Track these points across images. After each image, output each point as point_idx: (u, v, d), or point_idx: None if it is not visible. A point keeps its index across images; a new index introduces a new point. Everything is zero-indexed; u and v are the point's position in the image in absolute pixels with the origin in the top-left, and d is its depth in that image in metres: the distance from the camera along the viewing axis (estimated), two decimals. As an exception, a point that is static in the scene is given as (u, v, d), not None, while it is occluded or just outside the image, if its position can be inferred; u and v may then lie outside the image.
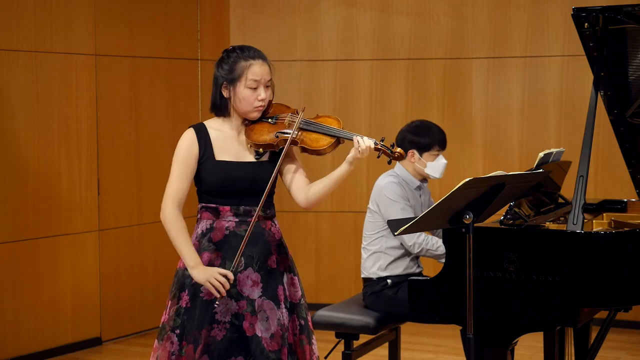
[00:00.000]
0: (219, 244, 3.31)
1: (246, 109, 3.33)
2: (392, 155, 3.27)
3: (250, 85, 3.30)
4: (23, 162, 5.61)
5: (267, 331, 3.27)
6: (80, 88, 5.91)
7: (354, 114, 6.94)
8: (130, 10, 6.23)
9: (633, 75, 4.07)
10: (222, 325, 3.25)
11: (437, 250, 4.38)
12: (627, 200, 4.59)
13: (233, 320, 3.26)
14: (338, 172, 3.30)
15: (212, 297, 3.25)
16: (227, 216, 3.32)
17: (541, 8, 6.59)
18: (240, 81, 3.31)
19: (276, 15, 7.01)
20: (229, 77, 3.32)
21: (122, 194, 6.20)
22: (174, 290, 3.35)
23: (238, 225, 3.32)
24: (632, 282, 3.49)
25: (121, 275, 6.20)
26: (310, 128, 3.32)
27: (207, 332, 3.24)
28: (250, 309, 3.28)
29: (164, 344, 3.31)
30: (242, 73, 3.30)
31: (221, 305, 3.26)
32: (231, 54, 3.35)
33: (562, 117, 6.60)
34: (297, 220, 7.03)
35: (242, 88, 3.31)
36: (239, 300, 3.27)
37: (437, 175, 4.50)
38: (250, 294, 3.29)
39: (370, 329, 4.31)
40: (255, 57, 3.33)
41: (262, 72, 3.32)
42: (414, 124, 4.59)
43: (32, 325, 5.66)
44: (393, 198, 4.42)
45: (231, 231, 3.31)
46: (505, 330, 3.60)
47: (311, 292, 7.01)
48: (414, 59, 6.85)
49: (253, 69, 3.31)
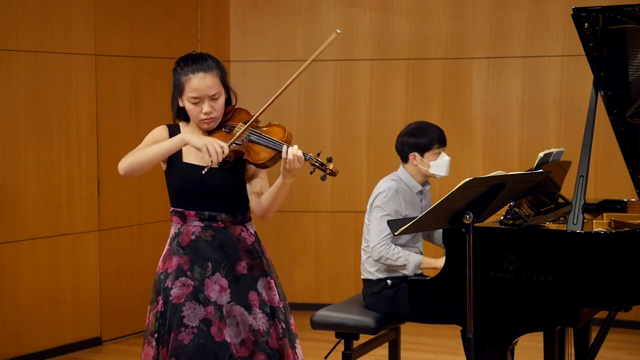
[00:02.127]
0: (186, 248, 3.29)
1: (195, 122, 3.29)
2: (325, 170, 3.13)
3: (191, 100, 3.23)
4: (23, 162, 5.61)
5: (237, 337, 3.22)
6: (80, 88, 5.91)
7: (354, 114, 6.94)
8: (130, 10, 6.23)
9: (633, 75, 4.07)
10: (189, 329, 3.21)
11: (397, 260, 4.33)
12: (627, 200, 4.59)
13: (201, 326, 3.21)
14: (276, 184, 3.22)
15: (180, 300, 3.22)
16: (193, 221, 3.29)
17: (541, 8, 6.59)
18: (184, 95, 3.26)
19: (276, 15, 7.01)
20: (177, 89, 3.29)
21: (122, 194, 6.20)
22: (152, 295, 3.34)
23: (204, 230, 3.28)
24: (632, 282, 3.49)
25: (121, 275, 6.20)
26: (256, 140, 3.21)
27: (175, 335, 3.20)
28: (218, 315, 3.23)
29: (146, 348, 3.30)
30: (183, 87, 3.25)
31: (189, 310, 3.22)
32: (176, 66, 3.29)
33: (562, 117, 6.60)
34: (297, 220, 7.03)
35: (186, 102, 3.26)
36: (207, 305, 3.23)
37: (443, 173, 4.47)
38: (217, 299, 3.24)
39: (370, 329, 4.31)
40: (196, 71, 3.22)
41: (202, 87, 3.20)
42: (410, 126, 4.56)
43: (32, 325, 5.66)
44: (381, 205, 4.41)
45: (197, 236, 3.28)
46: (505, 330, 3.60)
47: (311, 292, 7.02)
48: (414, 59, 6.85)
49: (191, 84, 3.22)
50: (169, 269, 3.29)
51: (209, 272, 3.26)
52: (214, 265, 3.26)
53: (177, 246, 3.30)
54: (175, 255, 3.29)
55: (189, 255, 3.27)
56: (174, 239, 3.32)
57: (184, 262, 3.27)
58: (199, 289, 3.23)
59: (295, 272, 7.01)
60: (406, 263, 4.32)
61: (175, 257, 3.29)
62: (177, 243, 3.30)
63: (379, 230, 4.35)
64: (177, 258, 3.29)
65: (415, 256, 4.35)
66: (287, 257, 7.01)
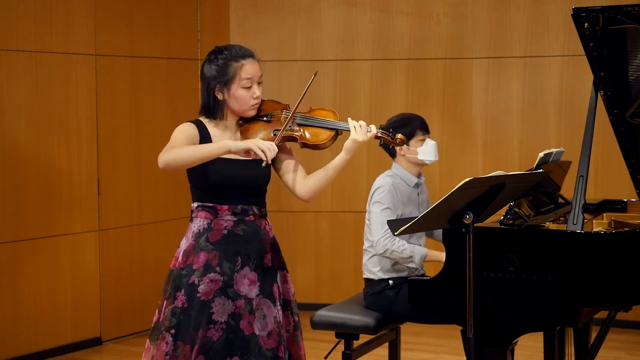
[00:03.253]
0: (216, 244, 3.30)
1: (243, 108, 3.32)
2: (394, 141, 3.28)
3: (244, 84, 3.29)
4: (23, 162, 5.61)
5: (264, 329, 3.28)
6: (80, 88, 5.91)
7: (354, 114, 6.92)
8: (130, 10, 6.23)
9: (633, 75, 4.06)
10: (218, 325, 3.24)
11: (403, 252, 4.33)
12: (627, 200, 4.59)
13: (229, 321, 3.25)
14: (336, 161, 3.31)
15: (209, 297, 3.24)
16: (225, 215, 3.31)
17: (541, 8, 6.59)
18: (234, 82, 3.29)
19: (276, 15, 7.01)
20: (221, 79, 3.29)
21: (122, 194, 6.20)
22: (169, 290, 3.32)
23: (236, 224, 3.31)
24: (632, 282, 3.49)
25: (121, 275, 6.20)
26: (307, 123, 3.31)
27: (203, 332, 3.23)
28: (248, 308, 3.27)
29: (159, 344, 3.28)
30: (235, 74, 3.29)
31: (218, 306, 3.25)
32: (219, 55, 3.32)
33: (562, 117, 6.60)
34: (297, 220, 7.03)
35: (237, 88, 3.29)
36: (236, 299, 3.27)
37: (432, 158, 4.47)
38: (247, 293, 3.28)
39: (370, 329, 4.31)
40: (246, 56, 3.31)
41: (254, 70, 3.31)
42: (390, 120, 4.60)
43: (32, 325, 5.66)
44: (379, 200, 4.42)
45: (229, 230, 3.31)
46: (505, 330, 3.60)
47: (311, 292, 7.02)
48: (414, 59, 6.85)
49: (246, 69, 3.29)
50: (195, 264, 3.29)
51: (238, 266, 3.29)
52: (243, 259, 3.30)
53: (205, 242, 3.30)
54: (202, 251, 3.29)
55: (219, 251, 3.29)
56: (202, 235, 3.31)
57: (212, 257, 3.29)
58: (228, 283, 3.26)
59: (295, 272, 7.00)
60: (412, 254, 4.31)
61: (203, 252, 3.29)
62: (205, 239, 3.30)
63: (381, 224, 4.34)
64: (204, 254, 3.29)
65: (420, 249, 4.35)
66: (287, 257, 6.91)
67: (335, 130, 3.29)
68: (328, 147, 3.33)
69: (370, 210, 4.44)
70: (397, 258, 4.35)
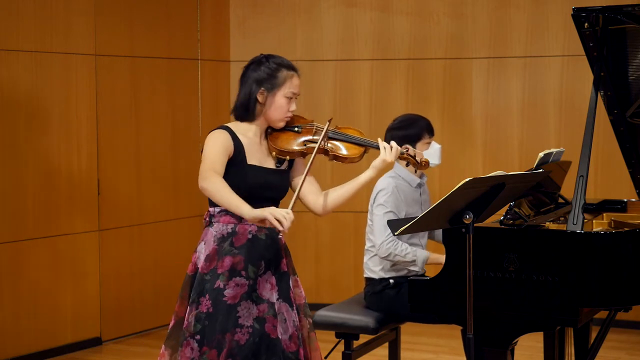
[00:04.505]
0: (241, 248, 3.33)
1: (278, 117, 3.37)
2: (419, 165, 3.50)
3: (288, 95, 3.36)
4: (23, 162, 5.61)
5: (286, 333, 3.34)
6: (80, 88, 5.91)
7: (354, 114, 6.94)
8: (130, 10, 6.23)
9: (633, 75, 4.07)
10: (245, 329, 3.27)
11: (405, 256, 4.33)
12: (627, 200, 4.59)
13: (255, 324, 3.29)
14: (362, 178, 3.42)
15: (235, 301, 3.26)
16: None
17: (541, 8, 6.59)
18: (281, 89, 3.35)
19: (276, 15, 7.01)
20: (269, 82, 3.34)
21: (122, 194, 6.20)
22: (192, 296, 3.33)
23: (259, 229, 3.36)
24: (632, 282, 3.49)
25: (121, 275, 6.20)
26: (338, 137, 3.44)
27: (231, 335, 3.25)
28: (272, 312, 3.32)
29: (184, 350, 3.29)
30: (284, 82, 3.36)
31: (244, 310, 3.28)
32: (271, 59, 3.38)
33: (562, 117, 6.60)
34: (297, 220, 6.95)
35: (281, 97, 3.35)
36: (260, 303, 3.31)
37: (437, 161, 4.48)
38: (269, 297, 3.34)
39: (371, 329, 4.31)
40: (296, 70, 3.42)
41: (298, 85, 3.42)
42: (397, 119, 4.60)
43: (32, 325, 5.66)
44: (383, 202, 4.41)
45: (254, 235, 3.35)
46: (505, 330, 3.60)
47: (311, 292, 7.01)
48: (414, 59, 6.85)
49: (294, 81, 3.39)
50: (220, 269, 3.31)
51: (261, 270, 3.34)
52: (266, 264, 3.35)
53: (229, 246, 3.33)
54: (227, 255, 3.32)
55: (244, 255, 3.32)
56: (226, 239, 3.33)
57: (237, 262, 3.31)
58: (252, 287, 3.31)
59: (295, 272, 7.00)
60: (415, 258, 4.32)
61: (228, 257, 3.31)
62: (230, 243, 3.33)
63: (384, 227, 4.34)
64: (229, 258, 3.31)
65: (422, 252, 4.35)
66: (287, 257, 7.00)
67: (365, 147, 3.45)
68: (356, 162, 3.47)
69: (373, 212, 4.44)
70: (399, 262, 4.36)
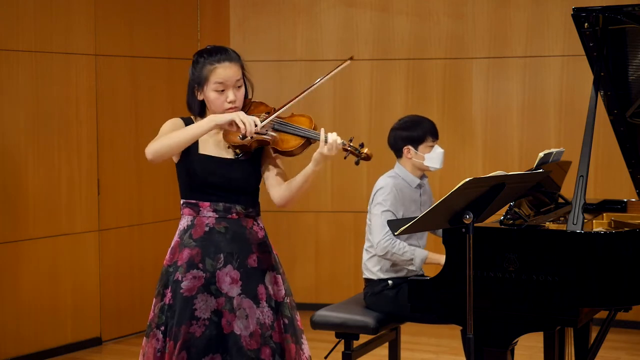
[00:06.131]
0: (199, 240, 3.31)
1: (216, 111, 3.33)
2: (360, 155, 3.21)
3: (215, 88, 3.31)
4: (23, 162, 5.61)
5: (246, 329, 3.27)
6: (80, 88, 5.92)
7: (354, 114, 6.94)
8: (130, 10, 6.24)
9: (633, 75, 4.06)
10: (201, 321, 3.25)
11: (403, 255, 4.33)
12: (627, 200, 4.59)
13: (212, 317, 3.26)
14: (305, 171, 3.27)
15: (192, 293, 3.25)
16: (207, 212, 3.32)
17: (541, 8, 6.59)
18: (207, 85, 3.32)
19: (276, 15, 7.01)
20: (197, 80, 3.35)
21: (122, 194, 6.20)
22: (158, 288, 3.36)
23: (218, 221, 3.32)
24: (632, 282, 3.49)
25: (121, 275, 6.20)
26: (282, 128, 3.28)
27: (186, 328, 3.24)
28: (228, 307, 3.27)
29: (150, 341, 3.32)
30: (207, 77, 3.31)
31: (201, 302, 3.26)
32: (199, 57, 3.36)
33: (562, 117, 6.60)
34: (297, 220, 7.03)
35: (210, 91, 3.32)
36: (218, 297, 3.28)
37: (437, 166, 4.49)
38: (229, 291, 3.29)
39: (370, 329, 4.31)
40: (221, 60, 3.31)
41: (228, 75, 3.30)
42: (402, 120, 4.60)
43: (32, 325, 5.66)
44: (381, 201, 4.41)
45: (211, 227, 3.32)
46: (505, 330, 3.60)
47: (311, 292, 7.02)
48: (414, 59, 6.85)
49: (217, 72, 3.30)
50: (179, 261, 3.31)
51: (220, 263, 3.30)
52: (226, 257, 3.31)
53: (188, 238, 3.32)
54: (186, 247, 3.31)
55: (201, 248, 3.30)
56: (186, 232, 3.34)
57: (195, 254, 3.30)
58: (210, 280, 3.27)
59: (295, 272, 7.00)
60: (413, 257, 4.32)
61: (186, 249, 3.31)
62: (189, 235, 3.32)
63: (382, 226, 4.34)
64: (188, 250, 3.31)
65: (420, 251, 4.35)
66: (287, 257, 6.99)
67: (307, 139, 3.25)
68: (298, 154, 3.28)
69: (372, 211, 4.44)
70: (397, 260, 4.35)
